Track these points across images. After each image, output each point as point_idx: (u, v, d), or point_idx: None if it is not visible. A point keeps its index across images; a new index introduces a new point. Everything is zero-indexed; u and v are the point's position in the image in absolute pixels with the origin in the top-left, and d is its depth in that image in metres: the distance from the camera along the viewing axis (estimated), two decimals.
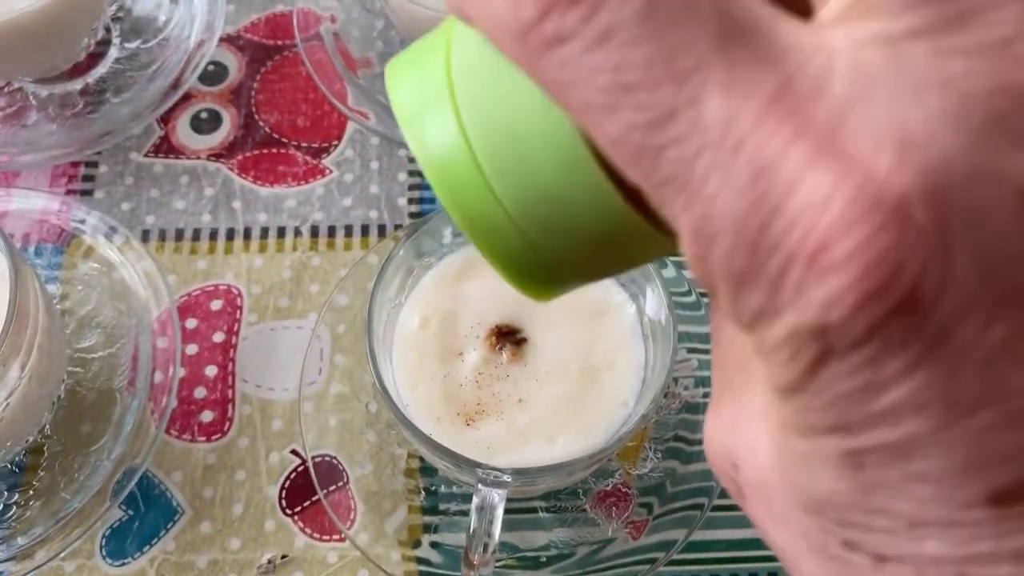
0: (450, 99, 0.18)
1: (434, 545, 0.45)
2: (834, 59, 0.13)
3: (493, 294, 0.44)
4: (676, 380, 0.49)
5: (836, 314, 0.13)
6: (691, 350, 0.50)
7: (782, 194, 0.13)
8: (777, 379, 0.15)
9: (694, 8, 0.14)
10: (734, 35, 0.14)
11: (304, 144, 0.57)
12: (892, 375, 0.13)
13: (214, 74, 0.59)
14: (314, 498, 0.47)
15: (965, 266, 0.13)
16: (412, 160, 0.57)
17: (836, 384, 0.14)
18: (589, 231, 0.18)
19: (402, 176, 0.56)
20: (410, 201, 0.56)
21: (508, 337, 0.43)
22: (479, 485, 0.38)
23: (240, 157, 0.57)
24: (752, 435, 0.17)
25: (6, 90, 0.58)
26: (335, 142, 0.57)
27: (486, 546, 0.38)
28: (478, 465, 0.37)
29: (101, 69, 0.59)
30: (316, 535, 0.47)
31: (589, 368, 0.43)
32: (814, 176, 0.13)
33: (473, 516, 0.38)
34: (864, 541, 0.15)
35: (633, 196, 0.17)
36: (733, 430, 0.18)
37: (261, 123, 0.58)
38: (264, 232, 0.54)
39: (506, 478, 0.38)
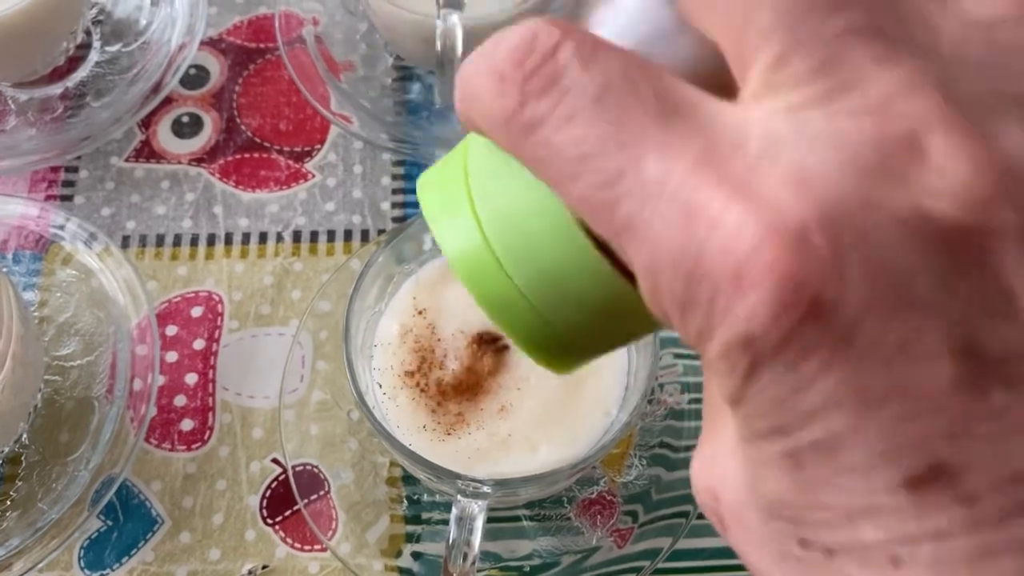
0: (468, 200, 0.21)
1: (416, 555, 0.45)
2: (749, 127, 0.17)
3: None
4: (662, 386, 0.49)
5: (756, 325, 0.15)
6: (677, 355, 0.49)
7: (708, 231, 0.16)
8: (724, 391, 0.17)
9: (637, 93, 0.17)
10: (669, 112, 0.17)
11: (287, 148, 0.57)
12: (810, 376, 0.15)
13: (196, 78, 0.59)
14: (295, 507, 0.46)
15: (857, 278, 0.15)
16: (396, 164, 0.56)
17: (767, 389, 0.16)
18: (591, 304, 0.20)
19: (385, 180, 0.56)
20: (393, 205, 0.55)
21: (490, 345, 0.43)
22: (458, 496, 0.38)
23: (222, 161, 0.56)
24: (728, 464, 0.19)
25: None
26: (318, 146, 0.57)
27: (465, 556, 0.38)
28: (457, 476, 0.37)
29: (81, 73, 0.58)
30: (297, 545, 0.46)
31: (571, 377, 0.42)
32: (731, 214, 0.16)
33: (452, 527, 0.38)
34: (814, 537, 0.17)
35: (626, 271, 0.19)
36: (713, 464, 0.20)
37: (243, 127, 0.57)
38: (246, 237, 0.54)
39: (486, 489, 0.37)
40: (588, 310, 0.20)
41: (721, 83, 0.18)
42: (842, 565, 0.17)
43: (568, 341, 0.21)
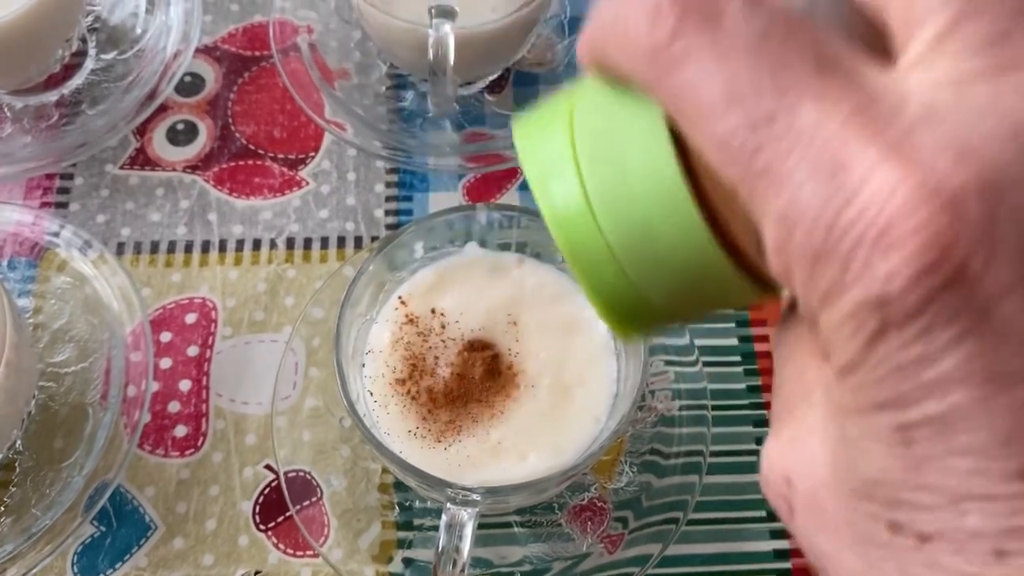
0: (570, 150, 0.21)
1: (407, 561, 0.45)
2: (908, 93, 0.16)
3: (466, 309, 0.44)
4: (652, 393, 0.49)
5: (896, 285, 0.15)
6: (668, 362, 0.50)
7: (857, 185, 0.16)
8: (840, 357, 0.17)
9: (796, 41, 0.17)
10: (826, 66, 0.17)
11: (281, 155, 0.57)
12: (941, 346, 0.15)
13: (191, 85, 0.59)
14: (288, 514, 0.47)
15: (1007, 252, 0.15)
16: (389, 172, 0.56)
17: (892, 356, 0.16)
18: (681, 272, 0.20)
19: (379, 187, 0.56)
20: (387, 213, 0.55)
21: (481, 353, 0.43)
22: (448, 504, 0.38)
23: (216, 169, 0.56)
24: (809, 448, 0.19)
25: None
26: (312, 153, 0.57)
27: (455, 563, 0.38)
28: (447, 484, 0.37)
29: (77, 80, 0.58)
30: (290, 551, 0.46)
31: (561, 384, 0.42)
32: (884, 171, 0.15)
33: (442, 534, 0.38)
34: (910, 520, 0.16)
35: (724, 245, 0.20)
36: (791, 447, 0.20)
37: (238, 134, 0.58)
38: (240, 244, 0.54)
39: (475, 497, 0.37)
40: (677, 278, 0.21)
41: (868, 46, 0.18)
42: (935, 552, 0.16)
43: (646, 307, 0.21)
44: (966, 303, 0.15)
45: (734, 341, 0.52)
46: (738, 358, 0.51)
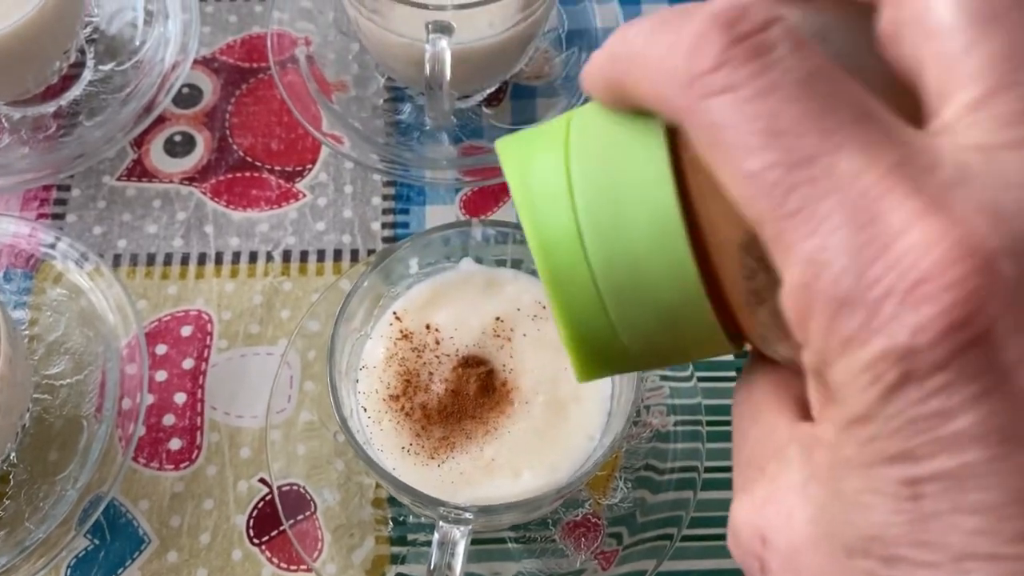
0: (566, 185, 0.20)
1: None
2: (941, 154, 0.17)
3: (461, 325, 0.44)
4: (648, 408, 0.49)
5: (923, 339, 0.15)
6: (663, 378, 0.50)
7: (893, 236, 0.16)
8: (852, 408, 0.17)
9: (841, 91, 0.17)
10: (868, 118, 0.17)
11: (278, 168, 0.57)
12: (960, 403, 0.15)
13: (188, 97, 0.59)
14: (281, 528, 0.47)
15: None
16: (386, 184, 0.57)
17: (909, 409, 0.16)
18: (662, 313, 0.20)
19: (376, 200, 0.56)
20: (384, 226, 0.55)
21: (475, 369, 0.43)
22: (440, 521, 0.38)
23: (213, 181, 0.56)
24: (787, 506, 0.19)
25: None
26: (309, 166, 0.57)
27: None
28: (440, 503, 0.37)
29: (75, 92, 0.58)
30: (284, 565, 0.46)
31: (555, 401, 0.42)
32: (922, 225, 0.16)
33: (434, 551, 0.38)
34: None
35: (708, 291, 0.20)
36: (765, 507, 0.20)
37: (235, 146, 0.58)
38: (236, 257, 0.54)
39: (468, 515, 0.37)
40: (654, 319, 0.20)
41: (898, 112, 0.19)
42: None
43: (616, 345, 0.21)
44: (989, 364, 0.15)
45: (729, 356, 0.52)
46: (733, 373, 0.51)
